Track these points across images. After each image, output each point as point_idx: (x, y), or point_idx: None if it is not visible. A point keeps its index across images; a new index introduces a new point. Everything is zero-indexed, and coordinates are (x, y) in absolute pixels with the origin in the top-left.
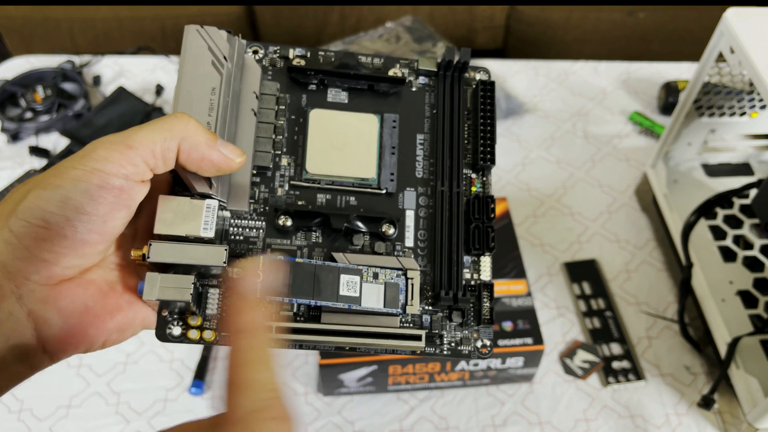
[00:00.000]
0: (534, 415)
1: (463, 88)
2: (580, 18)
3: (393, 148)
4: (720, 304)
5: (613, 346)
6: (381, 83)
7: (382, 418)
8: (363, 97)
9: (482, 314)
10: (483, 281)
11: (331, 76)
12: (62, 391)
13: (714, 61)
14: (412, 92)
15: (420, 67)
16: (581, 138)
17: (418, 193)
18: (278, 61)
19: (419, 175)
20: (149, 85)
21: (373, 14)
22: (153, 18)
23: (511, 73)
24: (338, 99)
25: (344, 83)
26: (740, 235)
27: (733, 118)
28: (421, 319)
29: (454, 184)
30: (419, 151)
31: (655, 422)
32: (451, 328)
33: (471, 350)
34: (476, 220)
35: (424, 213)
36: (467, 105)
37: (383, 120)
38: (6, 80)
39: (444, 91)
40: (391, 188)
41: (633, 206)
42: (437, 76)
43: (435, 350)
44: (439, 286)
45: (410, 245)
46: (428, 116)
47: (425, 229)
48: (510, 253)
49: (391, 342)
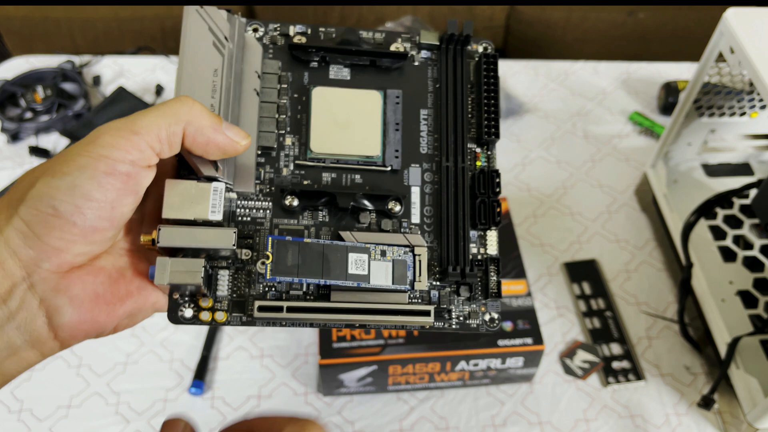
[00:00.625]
0: (534, 415)
1: (465, 62)
2: (580, 18)
3: (397, 124)
4: (720, 304)
5: (613, 346)
6: (383, 58)
7: (382, 418)
8: (365, 73)
9: (489, 288)
10: (490, 255)
11: (332, 53)
12: (62, 391)
13: (714, 61)
14: (415, 67)
15: (422, 41)
16: (581, 138)
17: (423, 169)
18: (279, 38)
19: (424, 151)
20: (149, 85)
21: (373, 14)
22: (153, 18)
23: (511, 73)
24: (340, 76)
25: (346, 59)
26: (740, 235)
27: (733, 118)
28: (430, 294)
29: (459, 159)
30: (423, 126)
31: (655, 422)
32: (460, 303)
33: (479, 323)
34: (482, 195)
35: (429, 189)
36: (470, 78)
37: (386, 96)
38: (6, 80)
39: (447, 64)
40: (396, 165)
41: (633, 206)
42: (440, 50)
43: (444, 325)
44: (446, 262)
45: (416, 222)
46: (431, 91)
47: (431, 205)
48: (510, 253)
49: (400, 318)
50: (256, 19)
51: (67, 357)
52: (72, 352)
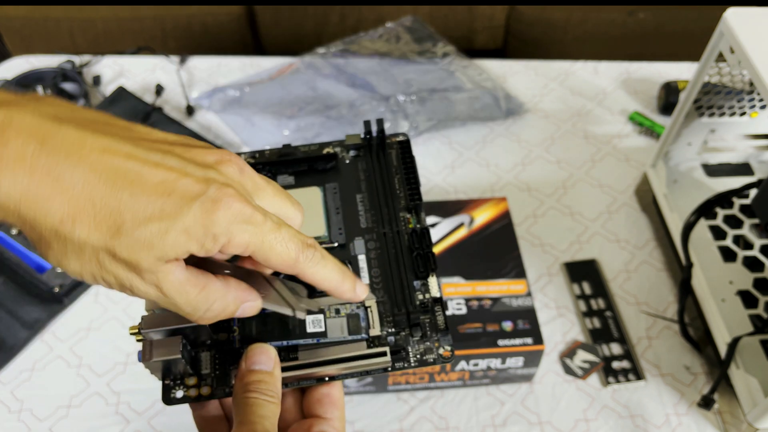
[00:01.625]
0: (534, 415)
1: (387, 152)
2: (580, 18)
3: (337, 209)
4: (720, 304)
5: (613, 346)
6: (318, 162)
7: (382, 418)
8: (306, 176)
9: (438, 325)
10: (434, 297)
11: (276, 165)
12: (62, 391)
13: (714, 61)
14: (347, 164)
15: (348, 143)
16: (581, 138)
17: (366, 239)
18: None
19: (363, 226)
20: (149, 85)
21: (373, 14)
22: (153, 18)
23: (511, 73)
24: (287, 182)
25: (288, 168)
26: (740, 235)
27: (733, 118)
28: (387, 340)
29: (394, 225)
30: (360, 206)
31: (655, 422)
32: (415, 343)
33: (435, 357)
34: (417, 249)
35: (374, 254)
36: (393, 162)
37: (325, 189)
38: (6, 80)
39: (372, 157)
40: (341, 240)
41: (633, 206)
42: (364, 147)
43: (404, 364)
44: (397, 310)
45: (366, 282)
46: (363, 179)
47: (377, 267)
48: (510, 253)
49: (361, 362)
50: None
51: (67, 357)
52: (72, 352)
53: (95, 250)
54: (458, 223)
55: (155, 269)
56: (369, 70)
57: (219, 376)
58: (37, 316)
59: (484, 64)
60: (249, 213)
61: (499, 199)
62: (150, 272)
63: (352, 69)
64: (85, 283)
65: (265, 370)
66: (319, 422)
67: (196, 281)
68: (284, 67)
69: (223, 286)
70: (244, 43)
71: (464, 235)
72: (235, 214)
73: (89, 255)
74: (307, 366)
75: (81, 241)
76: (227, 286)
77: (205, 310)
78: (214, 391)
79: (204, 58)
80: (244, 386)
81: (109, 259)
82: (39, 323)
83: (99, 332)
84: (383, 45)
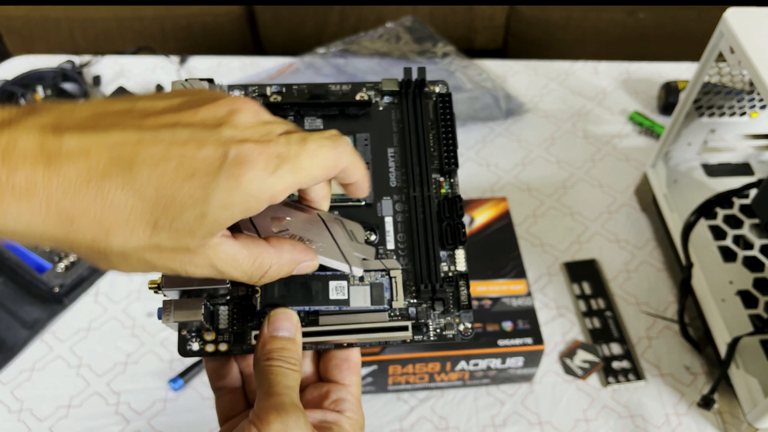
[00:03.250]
0: (534, 415)
1: (424, 102)
2: (580, 18)
3: (367, 163)
4: (720, 304)
5: (613, 346)
6: (350, 107)
7: (382, 418)
8: (336, 121)
9: (461, 301)
10: (459, 271)
11: (305, 107)
12: (62, 391)
13: (714, 61)
14: (380, 111)
15: (384, 88)
16: (581, 138)
17: (394, 201)
18: (257, 99)
19: (393, 185)
20: (149, 85)
21: (373, 14)
22: (153, 18)
23: (511, 73)
24: (314, 126)
25: (318, 111)
26: (740, 235)
27: (733, 118)
28: (408, 311)
29: (425, 189)
30: (391, 162)
31: (655, 422)
32: (436, 317)
33: (455, 333)
34: (447, 219)
35: (401, 218)
36: (430, 116)
37: (356, 139)
38: (6, 80)
39: (407, 107)
40: (369, 199)
41: (633, 206)
42: (400, 95)
43: (423, 337)
44: (420, 281)
45: (391, 248)
46: (396, 131)
47: (403, 231)
48: (510, 253)
49: (382, 335)
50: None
51: (67, 357)
52: (72, 352)
53: (139, 251)
54: None
55: (204, 249)
56: (369, 70)
57: (237, 333)
58: (37, 316)
59: (484, 64)
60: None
61: (499, 199)
62: (200, 254)
63: (352, 69)
64: (85, 283)
65: (288, 337)
66: (337, 389)
67: (248, 252)
68: (284, 67)
69: (276, 252)
70: (244, 43)
71: None
72: (263, 166)
73: (135, 258)
74: (328, 333)
75: (121, 250)
76: (280, 250)
77: (260, 276)
78: (231, 348)
79: (204, 58)
80: (267, 353)
81: (156, 254)
82: (39, 323)
83: (99, 332)
84: (383, 45)
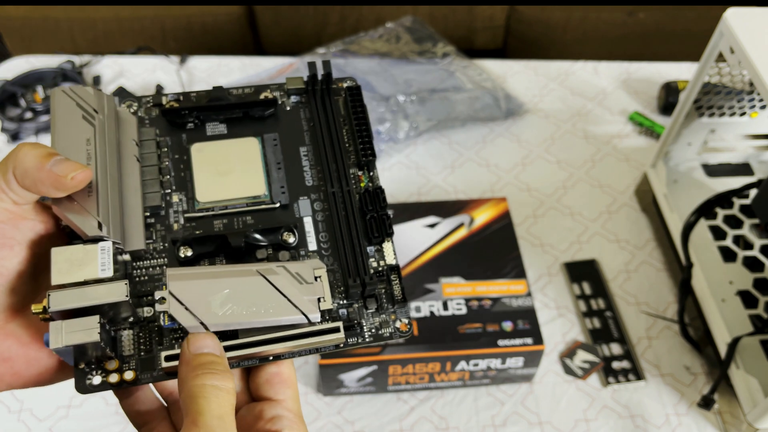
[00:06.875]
0: (534, 415)
1: (334, 99)
2: (580, 18)
3: (278, 164)
4: (720, 304)
5: (613, 346)
6: (254, 108)
7: (382, 418)
8: (241, 124)
9: (395, 296)
10: (389, 265)
11: (205, 111)
12: (62, 391)
13: (714, 61)
14: (287, 111)
15: (289, 87)
16: (581, 138)
17: (312, 200)
18: (153, 109)
19: (309, 184)
20: (149, 85)
21: (373, 14)
22: (153, 18)
23: (511, 73)
24: (217, 131)
25: (219, 115)
26: (740, 235)
27: (733, 118)
28: (339, 313)
29: (344, 184)
30: (305, 161)
31: (655, 422)
32: (369, 316)
33: (392, 332)
34: (370, 211)
35: (321, 216)
36: (341, 112)
37: (264, 140)
38: (6, 80)
39: (316, 104)
40: (284, 200)
41: (633, 206)
42: (307, 93)
43: (357, 339)
44: (348, 277)
45: (313, 249)
46: (306, 130)
47: (325, 231)
48: (510, 253)
49: (311, 340)
50: (255, 19)
51: None
52: None
53: None
54: (458, 223)
55: None
56: (369, 70)
57: (144, 359)
58: None
59: (484, 64)
60: None
61: (499, 199)
62: None
63: (352, 69)
64: None
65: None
66: (271, 406)
67: None
68: (284, 67)
69: None
70: (244, 43)
71: (464, 236)
72: None
73: None
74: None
75: None
76: None
77: None
78: (138, 376)
79: (204, 58)
80: (194, 369)
81: None
82: None
83: None
84: (383, 45)
